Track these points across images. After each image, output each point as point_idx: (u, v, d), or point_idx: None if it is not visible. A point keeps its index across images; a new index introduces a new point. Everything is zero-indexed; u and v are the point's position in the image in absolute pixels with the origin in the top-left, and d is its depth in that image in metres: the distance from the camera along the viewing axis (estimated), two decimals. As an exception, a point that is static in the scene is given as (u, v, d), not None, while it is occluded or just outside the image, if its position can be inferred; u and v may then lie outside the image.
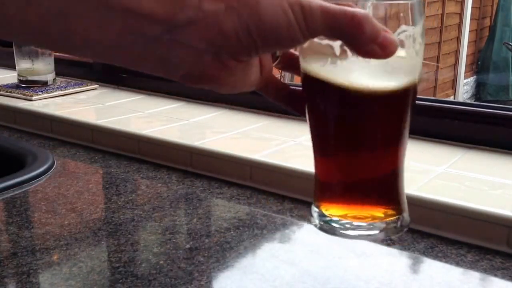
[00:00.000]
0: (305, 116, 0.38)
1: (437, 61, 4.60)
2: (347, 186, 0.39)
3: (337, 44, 0.34)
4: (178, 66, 0.31)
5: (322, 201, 0.39)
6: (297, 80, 0.39)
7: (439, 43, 4.57)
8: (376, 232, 0.37)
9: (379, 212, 0.38)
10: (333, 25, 0.30)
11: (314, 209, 0.39)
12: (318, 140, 0.39)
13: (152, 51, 0.30)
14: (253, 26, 0.30)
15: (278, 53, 0.39)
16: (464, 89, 5.14)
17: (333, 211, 0.38)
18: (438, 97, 4.37)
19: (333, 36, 0.32)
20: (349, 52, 0.34)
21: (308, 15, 0.30)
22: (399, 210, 0.38)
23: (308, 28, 0.30)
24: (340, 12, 0.30)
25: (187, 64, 0.31)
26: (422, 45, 0.35)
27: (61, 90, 1.15)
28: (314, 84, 0.36)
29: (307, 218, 0.39)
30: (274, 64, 0.39)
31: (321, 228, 0.38)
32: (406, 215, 0.39)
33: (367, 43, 0.31)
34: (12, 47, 1.18)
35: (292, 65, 0.39)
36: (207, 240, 0.59)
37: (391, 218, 0.38)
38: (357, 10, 0.31)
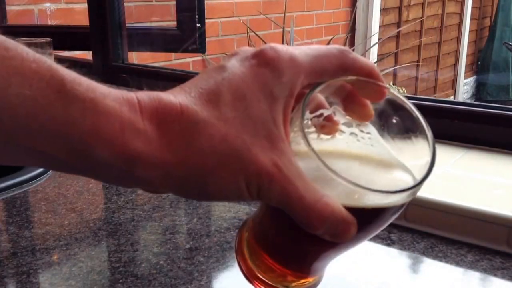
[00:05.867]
0: None
1: (437, 61, 4.61)
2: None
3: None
4: None
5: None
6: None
7: (439, 43, 4.57)
8: None
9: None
10: (285, 207, 0.28)
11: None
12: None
13: None
14: (196, 194, 0.28)
15: None
16: (464, 89, 5.14)
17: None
18: (438, 97, 4.37)
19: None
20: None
21: (265, 191, 0.28)
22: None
23: (259, 199, 0.28)
24: (297, 202, 0.27)
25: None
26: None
27: (61, 90, 1.14)
28: None
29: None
30: None
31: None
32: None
33: (317, 233, 0.28)
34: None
35: None
36: (207, 240, 0.59)
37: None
38: (323, 204, 0.27)
